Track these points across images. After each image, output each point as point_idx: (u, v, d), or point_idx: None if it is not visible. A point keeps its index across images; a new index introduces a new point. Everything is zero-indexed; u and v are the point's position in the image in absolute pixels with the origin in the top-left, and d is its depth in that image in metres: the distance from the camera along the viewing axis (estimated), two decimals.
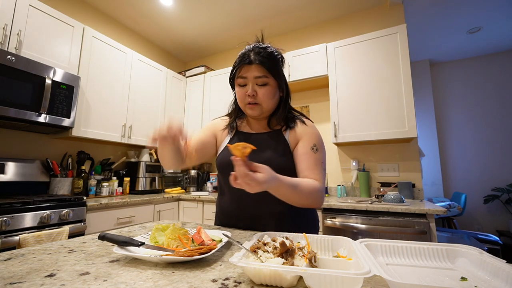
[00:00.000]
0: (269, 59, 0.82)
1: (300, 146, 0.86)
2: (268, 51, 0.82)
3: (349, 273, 0.36)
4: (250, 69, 0.81)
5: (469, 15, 2.75)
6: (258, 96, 0.82)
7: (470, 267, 0.47)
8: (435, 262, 0.51)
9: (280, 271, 0.39)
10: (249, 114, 0.87)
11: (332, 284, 0.37)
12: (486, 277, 0.43)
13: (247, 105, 0.84)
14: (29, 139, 2.00)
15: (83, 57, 2.04)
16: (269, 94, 0.83)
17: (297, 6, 2.54)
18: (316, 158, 0.84)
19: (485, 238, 2.74)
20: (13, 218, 1.36)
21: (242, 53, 0.84)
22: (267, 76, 0.82)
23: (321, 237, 0.58)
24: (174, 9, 2.61)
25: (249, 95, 0.82)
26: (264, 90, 0.82)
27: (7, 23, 1.62)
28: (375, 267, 0.39)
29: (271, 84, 0.83)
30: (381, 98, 2.03)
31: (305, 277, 0.39)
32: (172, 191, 2.64)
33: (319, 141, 0.88)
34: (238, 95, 0.86)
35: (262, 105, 0.84)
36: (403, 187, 2.02)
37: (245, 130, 0.95)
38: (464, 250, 0.50)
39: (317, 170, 0.82)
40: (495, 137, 3.51)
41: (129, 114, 2.41)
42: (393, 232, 1.55)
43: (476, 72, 3.71)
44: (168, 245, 0.57)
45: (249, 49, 0.83)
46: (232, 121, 0.96)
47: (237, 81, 0.85)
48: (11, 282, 0.41)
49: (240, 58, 0.83)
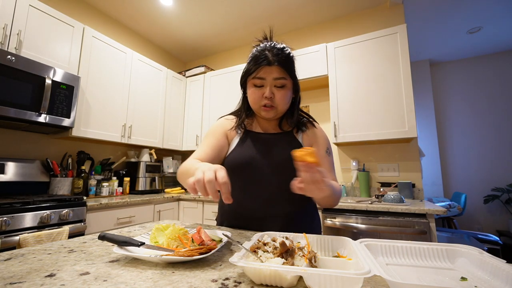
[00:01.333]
0: (287, 61, 0.80)
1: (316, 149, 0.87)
2: (286, 53, 0.80)
3: (349, 273, 0.36)
4: (270, 70, 0.78)
5: (469, 15, 2.75)
6: (275, 98, 0.80)
7: (470, 267, 0.47)
8: (435, 262, 0.51)
9: (280, 271, 0.39)
10: (263, 116, 0.85)
11: (332, 284, 0.37)
12: (486, 277, 0.43)
13: (262, 107, 0.82)
14: (29, 139, 2.00)
15: (83, 57, 2.04)
16: (286, 97, 0.82)
17: (297, 6, 2.53)
18: (330, 161, 0.88)
19: (485, 238, 2.74)
20: (13, 218, 1.36)
21: (259, 52, 0.80)
22: (286, 77, 0.80)
23: (321, 237, 0.58)
24: (174, 9, 2.61)
25: (266, 97, 0.80)
26: (282, 93, 0.80)
27: (7, 23, 1.62)
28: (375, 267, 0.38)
29: (288, 86, 0.82)
30: (381, 98, 2.03)
31: (305, 277, 0.39)
32: (172, 191, 2.64)
33: (329, 144, 0.92)
34: (253, 96, 0.83)
35: (277, 108, 0.82)
36: (403, 187, 2.02)
37: (255, 130, 0.93)
38: (464, 250, 0.50)
39: (333, 171, 0.87)
40: (496, 137, 3.51)
41: (129, 114, 2.41)
42: (393, 232, 1.55)
43: (476, 72, 3.71)
44: (168, 245, 0.57)
45: (266, 48, 0.80)
46: (242, 121, 0.92)
47: (253, 81, 0.81)
48: (11, 282, 0.41)
49: (257, 58, 0.80)
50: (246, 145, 0.87)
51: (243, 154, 0.85)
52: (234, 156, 0.86)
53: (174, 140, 2.93)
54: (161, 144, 2.74)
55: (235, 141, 0.90)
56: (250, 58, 0.84)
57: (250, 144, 0.87)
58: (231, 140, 0.91)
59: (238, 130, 0.91)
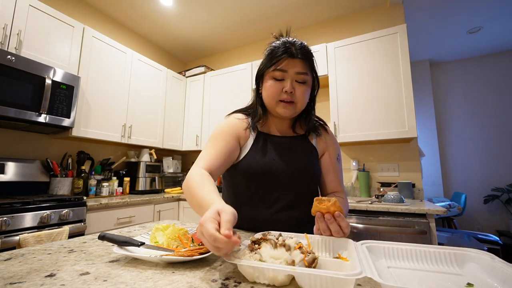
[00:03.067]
0: (310, 56, 0.76)
1: (328, 156, 0.86)
2: (309, 48, 0.76)
3: (338, 273, 0.36)
4: (293, 63, 0.73)
5: (469, 15, 2.75)
6: (296, 94, 0.74)
7: (480, 273, 0.44)
8: (441, 266, 0.48)
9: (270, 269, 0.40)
10: (281, 113, 0.77)
11: (322, 284, 0.37)
12: (495, 284, 0.40)
13: (280, 102, 0.76)
14: (29, 139, 2.00)
15: (83, 57, 2.04)
16: (306, 94, 0.77)
17: (297, 6, 2.54)
18: (340, 169, 0.87)
19: (485, 238, 2.74)
20: (13, 218, 1.36)
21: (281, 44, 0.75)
22: (308, 73, 0.75)
23: (323, 238, 0.58)
24: (174, 9, 2.61)
25: (286, 92, 0.74)
26: (303, 89, 0.75)
27: (7, 23, 1.62)
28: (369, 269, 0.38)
29: (309, 83, 0.77)
30: (381, 98, 2.03)
31: (296, 277, 0.39)
32: (172, 191, 2.64)
33: (340, 150, 0.90)
34: (271, 90, 0.76)
35: (297, 105, 0.76)
36: (403, 187, 2.02)
37: (267, 131, 0.86)
38: (474, 255, 0.47)
39: (341, 179, 0.86)
40: (495, 137, 3.51)
41: (129, 114, 2.41)
42: (393, 232, 1.55)
43: (476, 72, 3.71)
44: (168, 245, 0.57)
45: (288, 42, 0.75)
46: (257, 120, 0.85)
47: (273, 74, 0.75)
48: (11, 282, 0.41)
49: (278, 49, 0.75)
50: (261, 150, 0.81)
51: (259, 160, 0.79)
52: (250, 163, 0.80)
53: (174, 140, 2.93)
54: (161, 144, 2.74)
55: (248, 144, 0.83)
56: (269, 50, 0.78)
57: (266, 149, 0.81)
58: (243, 143, 0.83)
59: (252, 131, 0.84)
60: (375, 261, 0.48)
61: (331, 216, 0.55)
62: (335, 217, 0.55)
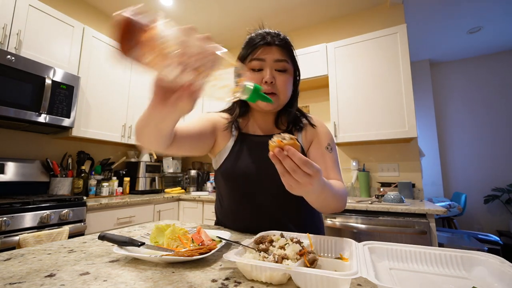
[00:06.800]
0: (287, 44, 0.73)
1: (314, 147, 0.79)
2: (286, 37, 0.74)
3: (333, 273, 0.36)
4: (270, 50, 0.70)
5: (469, 15, 2.75)
6: (277, 84, 0.71)
7: (488, 277, 0.42)
8: (447, 269, 0.46)
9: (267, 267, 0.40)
10: (263, 106, 0.74)
11: (317, 283, 0.37)
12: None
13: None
14: (29, 139, 2.00)
15: (83, 57, 2.04)
16: (288, 83, 0.73)
17: (296, 5, 2.53)
18: (332, 158, 0.77)
19: (485, 238, 2.74)
20: (13, 218, 1.36)
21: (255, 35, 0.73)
22: (287, 61, 0.72)
23: (325, 238, 0.57)
24: (174, 9, 2.61)
25: (266, 82, 0.69)
26: (284, 78, 0.71)
27: (7, 23, 1.62)
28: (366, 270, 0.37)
29: (290, 72, 0.74)
30: (381, 98, 2.03)
31: (293, 276, 0.40)
32: (172, 191, 2.64)
33: (332, 139, 0.81)
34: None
35: (279, 96, 0.72)
36: (403, 187, 2.02)
37: (251, 131, 0.83)
38: (482, 258, 0.45)
39: (336, 170, 0.75)
40: (495, 137, 3.51)
41: (129, 114, 2.41)
42: (393, 232, 1.55)
43: (476, 72, 3.71)
44: (168, 245, 0.57)
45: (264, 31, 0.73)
46: (234, 118, 0.81)
47: (250, 65, 0.71)
48: (11, 282, 0.41)
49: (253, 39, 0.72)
50: (242, 152, 0.78)
51: (240, 164, 0.76)
52: (229, 167, 0.77)
53: None
54: None
55: (228, 146, 0.80)
56: (244, 43, 0.75)
57: (247, 152, 0.78)
58: (224, 143, 0.80)
59: (233, 132, 0.81)
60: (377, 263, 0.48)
61: (281, 150, 0.42)
62: (285, 150, 0.42)
